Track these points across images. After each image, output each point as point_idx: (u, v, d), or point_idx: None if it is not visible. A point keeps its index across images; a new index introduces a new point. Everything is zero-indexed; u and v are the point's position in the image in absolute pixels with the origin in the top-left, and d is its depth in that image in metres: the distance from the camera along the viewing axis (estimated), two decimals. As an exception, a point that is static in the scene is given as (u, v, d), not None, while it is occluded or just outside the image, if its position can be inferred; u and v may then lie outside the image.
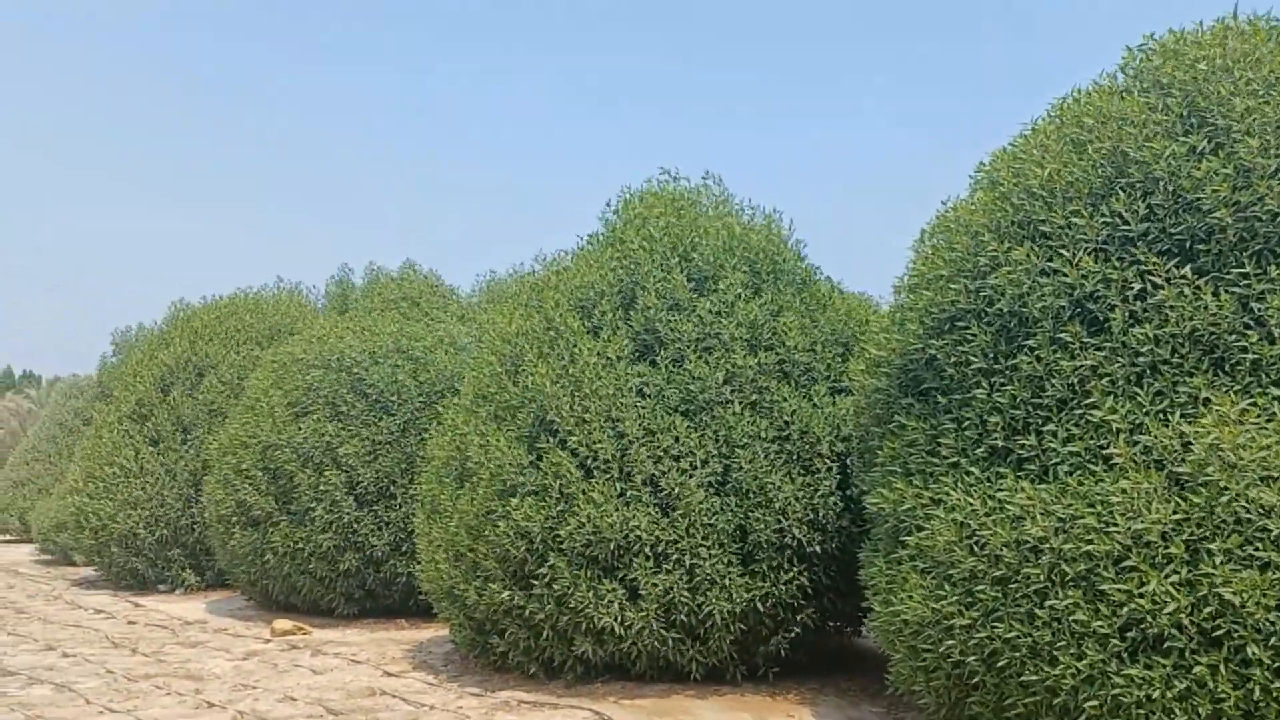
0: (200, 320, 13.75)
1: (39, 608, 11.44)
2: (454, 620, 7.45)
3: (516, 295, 8.52)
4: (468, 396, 7.77)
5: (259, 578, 10.32)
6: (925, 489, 4.91)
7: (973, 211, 5.17)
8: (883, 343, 5.44)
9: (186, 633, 9.51)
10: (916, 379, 5.23)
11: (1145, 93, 4.92)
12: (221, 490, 10.26)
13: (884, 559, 5.21)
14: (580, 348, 6.78)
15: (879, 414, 5.51)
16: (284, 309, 13.96)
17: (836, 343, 6.88)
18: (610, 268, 7.18)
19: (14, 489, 20.79)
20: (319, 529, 9.58)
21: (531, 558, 6.55)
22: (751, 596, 6.20)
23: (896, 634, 4.98)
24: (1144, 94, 4.91)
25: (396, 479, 9.72)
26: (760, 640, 6.49)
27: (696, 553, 6.18)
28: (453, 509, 7.24)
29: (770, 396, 6.51)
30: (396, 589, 9.97)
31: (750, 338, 6.75)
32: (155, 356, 13.49)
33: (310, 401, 10.02)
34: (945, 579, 4.65)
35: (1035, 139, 5.20)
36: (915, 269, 5.43)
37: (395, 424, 9.78)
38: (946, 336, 5.00)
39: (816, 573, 6.42)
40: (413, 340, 10.28)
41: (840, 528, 6.38)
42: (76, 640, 9.08)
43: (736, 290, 6.83)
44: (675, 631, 6.30)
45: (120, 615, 10.72)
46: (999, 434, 4.68)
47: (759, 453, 6.32)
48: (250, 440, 10.12)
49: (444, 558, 7.24)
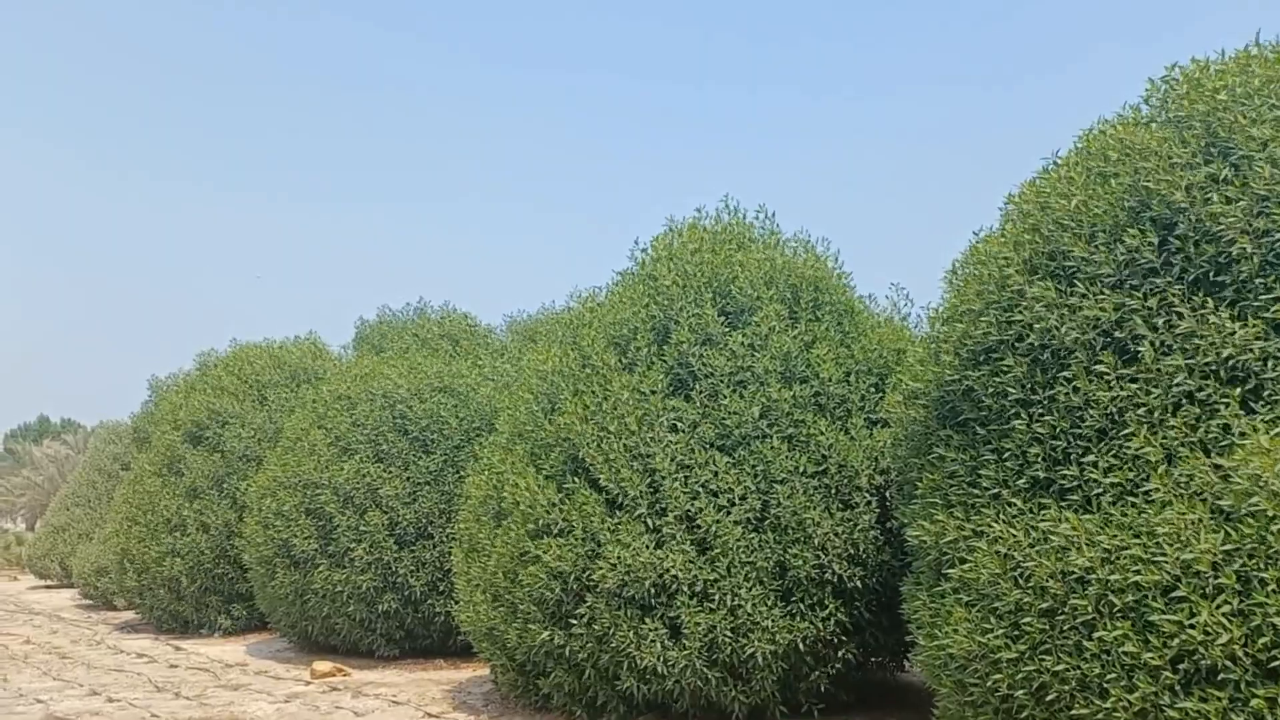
0: (221, 370, 13.94)
1: (82, 652, 11.55)
2: (495, 661, 7.46)
3: (552, 332, 8.59)
4: (504, 434, 7.83)
5: (299, 619, 10.38)
6: (967, 521, 4.89)
7: (1002, 244, 5.18)
8: (919, 374, 5.43)
9: (228, 675, 9.56)
10: (954, 410, 5.22)
11: (1166, 124, 4.92)
12: (262, 533, 10.35)
13: (927, 592, 5.17)
14: (614, 384, 6.82)
15: (917, 446, 5.50)
16: (302, 356, 14.14)
17: (870, 373, 6.87)
18: (643, 304, 7.24)
19: (55, 534, 21.05)
20: (359, 570, 9.64)
21: (567, 598, 6.56)
22: (793, 637, 6.16)
23: (942, 668, 4.94)
24: (1165, 125, 4.92)
25: (434, 519, 9.78)
26: (802, 677, 6.44)
27: (737, 593, 6.15)
28: (490, 548, 7.27)
29: (807, 430, 6.51)
30: (434, 629, 10.00)
31: (784, 370, 6.76)
32: (184, 407, 13.67)
33: (353, 439, 10.11)
34: (990, 611, 4.62)
35: (1061, 171, 5.21)
36: (949, 301, 5.43)
37: (434, 462, 9.86)
38: (982, 368, 4.99)
39: (857, 608, 6.37)
40: (456, 377, 10.39)
41: (880, 562, 6.34)
42: (121, 684, 9.15)
43: (771, 323, 6.85)
44: (717, 670, 6.27)
45: (162, 659, 10.80)
46: (1040, 465, 4.66)
47: (798, 488, 6.31)
48: (291, 480, 10.22)
49: (483, 598, 7.27)
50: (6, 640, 12.83)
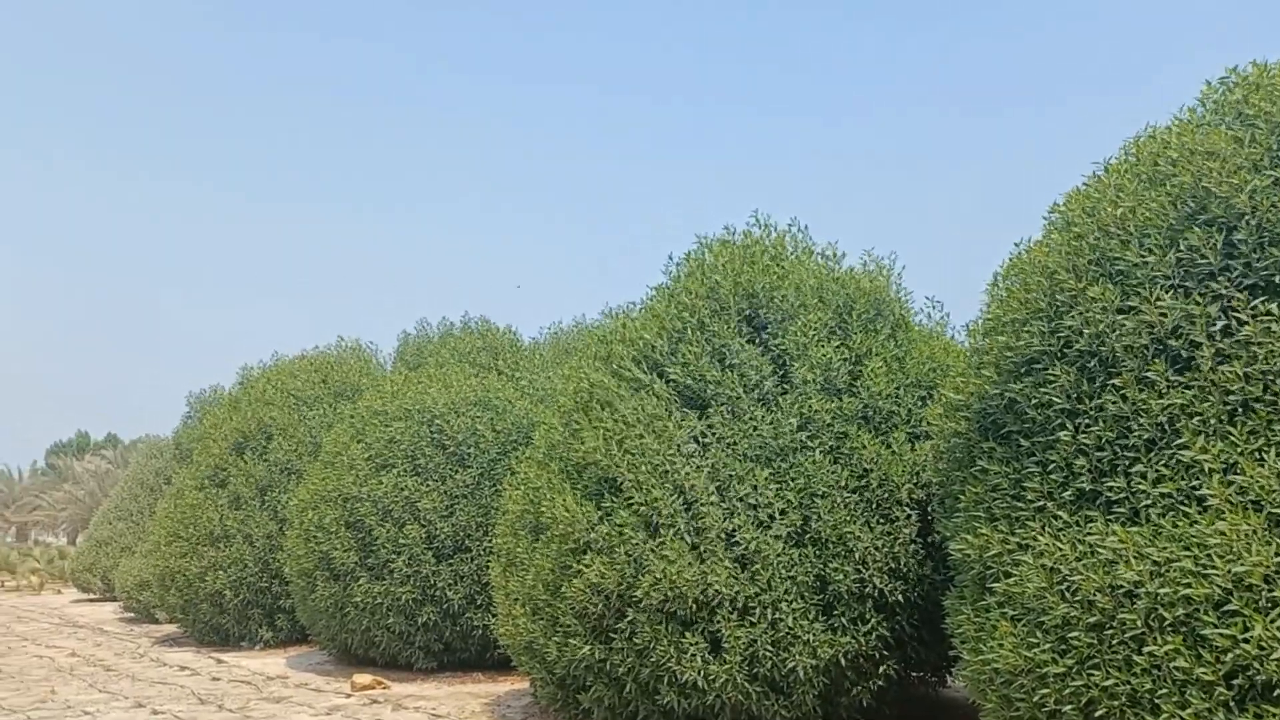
0: (265, 383, 14.12)
1: (126, 665, 11.70)
2: (535, 675, 7.47)
3: (585, 348, 8.63)
4: (539, 450, 7.86)
5: (339, 632, 10.46)
6: (1011, 534, 4.84)
7: (1048, 252, 5.14)
8: (961, 386, 5.40)
9: (269, 688, 9.65)
10: (997, 422, 5.18)
11: (1229, 126, 4.86)
12: (303, 546, 10.45)
13: (971, 607, 5.12)
14: (632, 402, 6.84)
15: (959, 458, 5.45)
16: (347, 368, 14.28)
17: (919, 386, 6.84)
18: (670, 318, 7.25)
19: (97, 548, 21.38)
20: (398, 583, 9.70)
21: (609, 613, 6.56)
22: (834, 652, 6.12)
23: (987, 683, 4.88)
24: (1228, 127, 4.85)
25: (472, 532, 9.83)
26: (843, 692, 6.40)
27: (778, 607, 6.12)
28: (529, 562, 7.29)
29: (849, 443, 6.49)
30: (473, 642, 10.03)
31: (824, 381, 6.74)
32: (227, 421, 13.87)
33: (391, 454, 10.20)
34: (1037, 626, 4.56)
35: (1110, 178, 5.17)
36: (990, 312, 5.40)
37: (471, 476, 9.91)
38: (1025, 379, 4.95)
39: (899, 622, 6.32)
40: (492, 391, 10.45)
41: (922, 576, 6.29)
42: (164, 697, 9.26)
43: (810, 332, 6.84)
44: (759, 685, 6.24)
45: (204, 672, 10.92)
46: (1086, 476, 4.61)
47: (839, 502, 6.28)
48: (331, 494, 10.32)
49: (522, 612, 7.28)
50: (53, 653, 13.03)
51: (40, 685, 10.18)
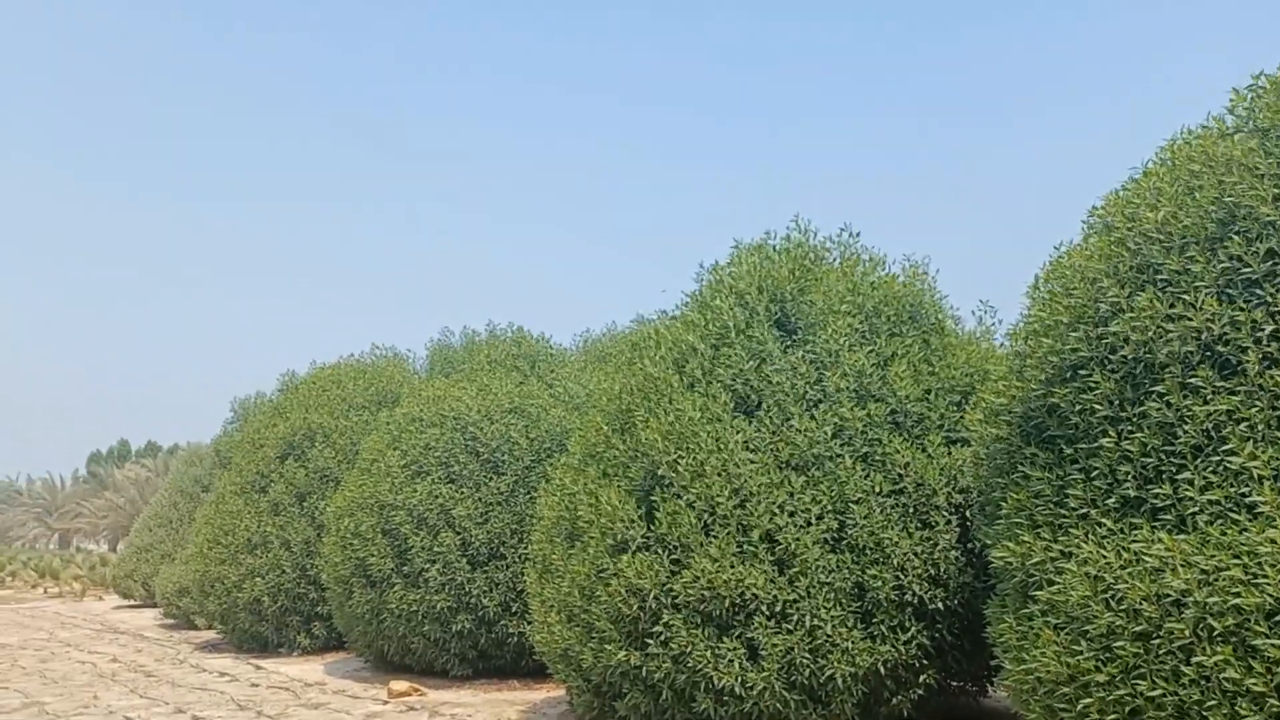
0: (307, 390, 14.25)
1: (167, 671, 11.83)
2: (571, 683, 7.46)
3: (620, 354, 8.62)
4: (575, 455, 7.86)
5: (375, 639, 10.52)
6: (1054, 541, 4.78)
7: (1089, 257, 5.08)
8: (1002, 391, 5.34)
9: (307, 694, 9.72)
10: (1039, 428, 5.12)
11: (1251, 135, 4.79)
12: (340, 553, 10.52)
13: (1013, 615, 5.06)
14: (684, 404, 6.82)
15: (1000, 464, 5.39)
16: (387, 375, 14.38)
17: (953, 390, 6.77)
18: (705, 324, 7.24)
19: (138, 555, 21.64)
20: (433, 590, 9.74)
21: (645, 615, 6.54)
22: (874, 660, 6.06)
23: (1030, 693, 4.82)
24: (1250, 136, 4.78)
25: (506, 539, 9.85)
26: (882, 701, 6.34)
27: (817, 613, 6.08)
28: (564, 569, 7.29)
29: (882, 449, 6.43)
30: (508, 649, 10.05)
31: (857, 388, 6.70)
32: (271, 427, 14.01)
33: (426, 461, 10.25)
34: (1081, 635, 4.50)
35: (1147, 182, 5.10)
36: (1032, 315, 5.33)
37: (505, 484, 9.94)
38: (1069, 384, 4.89)
39: (939, 630, 6.25)
40: (527, 398, 10.47)
41: (962, 583, 6.22)
42: (204, 703, 9.35)
43: (841, 338, 6.80)
44: (796, 693, 6.19)
45: (243, 678, 11.02)
46: (1131, 483, 4.54)
47: (874, 507, 6.23)
48: (368, 501, 10.39)
49: (557, 619, 7.28)
50: (95, 659, 13.20)
51: (83, 690, 10.31)
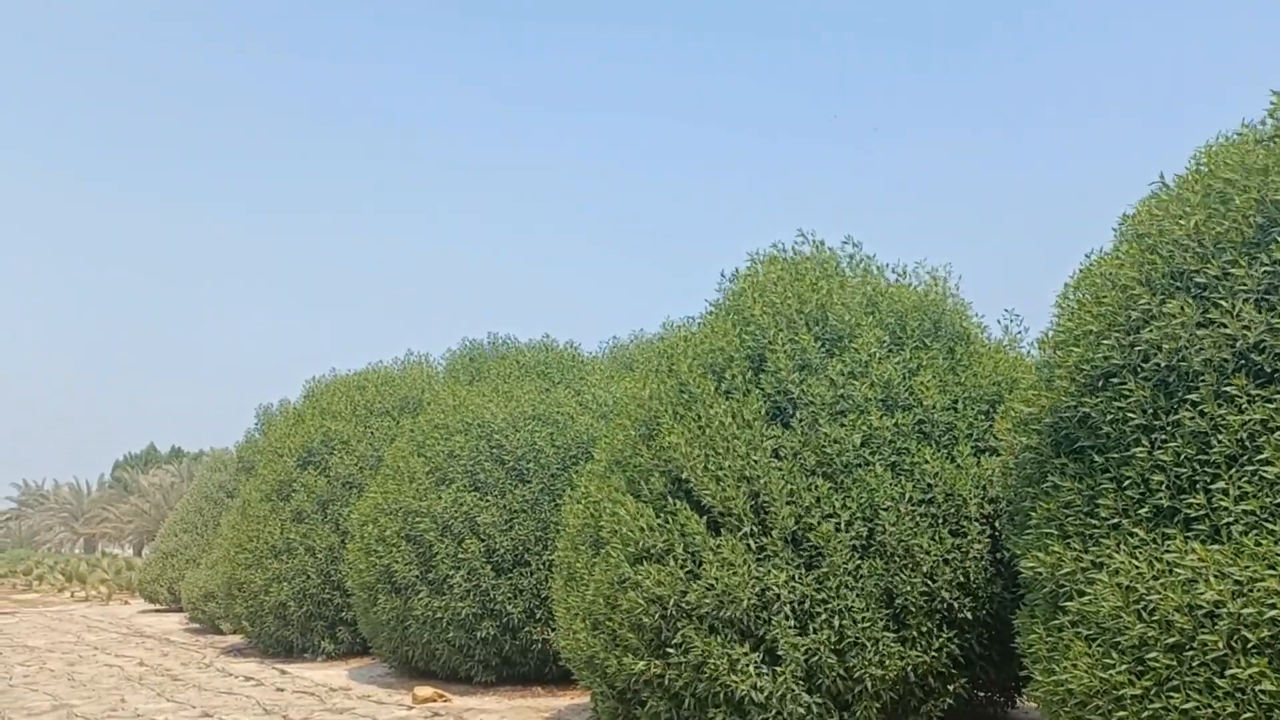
0: (331, 396, 14.30)
1: (193, 675, 11.92)
2: (595, 689, 7.46)
3: (648, 360, 8.62)
4: (601, 463, 7.87)
5: (399, 645, 10.56)
6: (1085, 551, 4.75)
7: (1120, 264, 5.04)
8: (1031, 400, 5.31)
9: (332, 699, 9.76)
10: (1070, 437, 5.09)
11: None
12: (364, 559, 10.57)
13: (1043, 625, 5.02)
14: (715, 409, 6.82)
15: (1030, 474, 5.36)
16: (412, 382, 14.42)
17: (981, 400, 6.74)
18: (735, 333, 7.23)
19: (164, 560, 21.80)
20: (458, 597, 9.77)
21: (665, 625, 6.53)
22: (905, 664, 6.03)
23: (1060, 704, 4.78)
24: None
25: (531, 546, 9.86)
26: (909, 710, 6.30)
27: (846, 613, 6.05)
28: (588, 576, 7.29)
29: (911, 458, 6.41)
30: (532, 656, 10.05)
31: (885, 398, 6.68)
32: (293, 434, 14.08)
33: (451, 468, 10.28)
34: (1112, 646, 4.46)
35: (1179, 189, 5.07)
36: (1062, 324, 5.30)
37: (531, 491, 9.96)
38: (1100, 393, 4.85)
39: (968, 639, 6.21)
40: (555, 406, 10.48)
41: (992, 593, 6.19)
42: (230, 707, 9.41)
43: (871, 349, 6.78)
44: (819, 697, 6.16)
45: (269, 682, 11.08)
46: (1164, 493, 4.50)
47: (903, 514, 6.20)
48: (392, 507, 10.43)
49: (582, 626, 7.28)
50: (122, 662, 13.31)
51: (111, 694, 10.40)
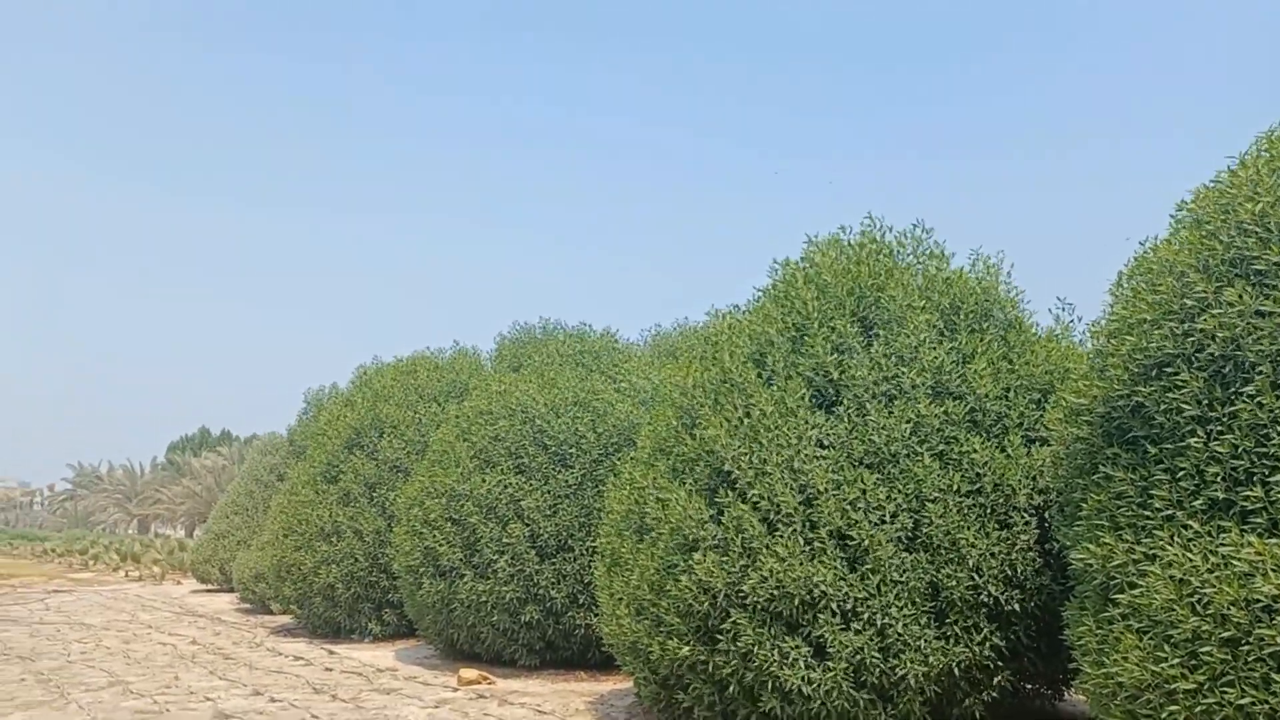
0: (380, 381, 14.48)
1: (244, 654, 12.16)
2: (638, 674, 7.49)
3: (691, 348, 8.61)
4: (645, 450, 7.88)
5: (445, 627, 10.68)
6: (1137, 543, 4.67)
7: (1176, 251, 4.94)
8: (1083, 390, 5.22)
9: (379, 680, 9.91)
10: (1122, 428, 5.00)
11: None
12: (410, 541, 10.70)
13: (1093, 618, 4.95)
14: (756, 398, 6.80)
15: (1081, 464, 5.28)
16: (458, 368, 14.57)
17: (1032, 389, 6.64)
18: (782, 318, 7.19)
19: (215, 541, 22.24)
20: (502, 581, 9.85)
21: (715, 613, 6.54)
22: (947, 661, 5.98)
23: (1110, 698, 4.72)
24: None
25: (574, 532, 9.92)
26: (955, 703, 6.25)
27: (888, 612, 6.02)
28: (633, 562, 7.32)
29: (959, 447, 6.34)
30: (575, 641, 10.12)
31: (934, 385, 6.61)
32: (342, 417, 14.28)
33: (495, 453, 10.37)
34: (1165, 640, 4.39)
35: (1244, 174, 4.95)
36: (1115, 313, 5.21)
37: (573, 476, 10.01)
38: (1154, 383, 4.77)
39: (1015, 632, 6.15)
40: (594, 393, 10.52)
41: (1040, 585, 6.11)
42: (280, 686, 9.59)
43: (920, 336, 6.71)
44: (865, 692, 6.14)
45: (317, 662, 11.27)
46: (1219, 485, 4.41)
47: (950, 506, 6.14)
48: (438, 491, 10.54)
49: (625, 612, 7.32)
50: (175, 640, 13.61)
51: (164, 671, 10.65)
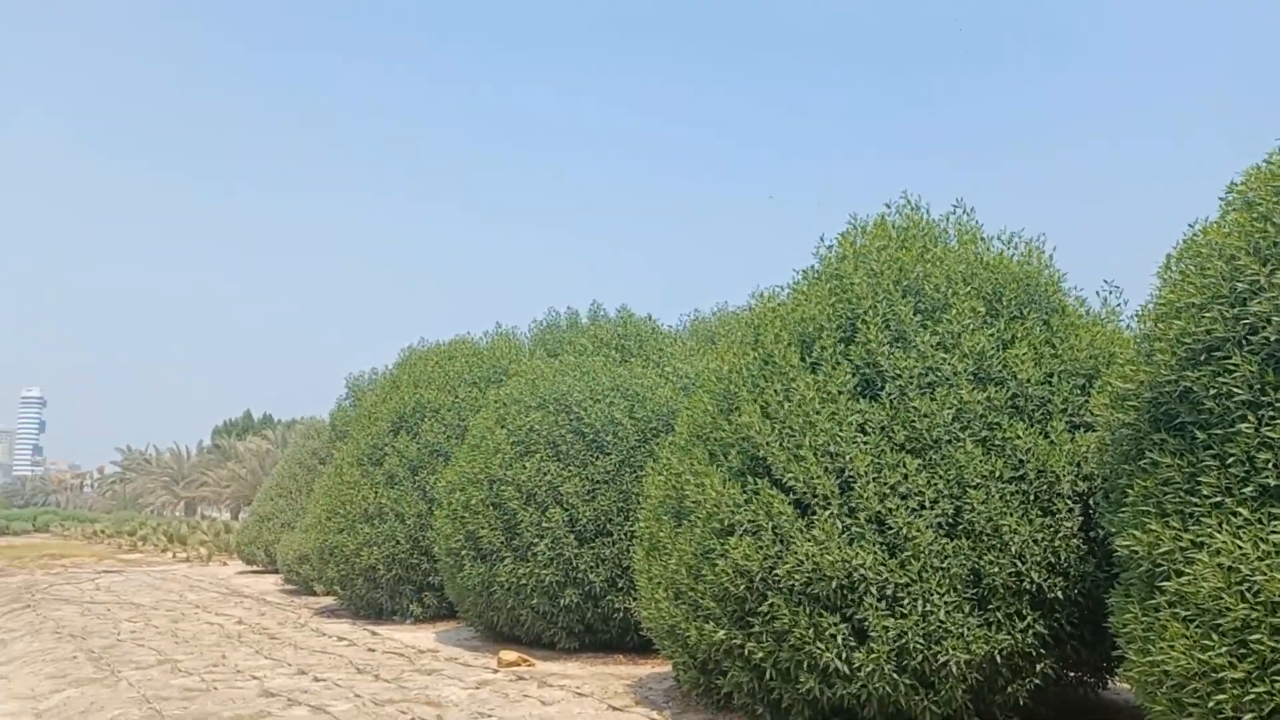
0: (421, 366, 14.61)
1: (288, 634, 12.36)
2: (677, 658, 7.52)
3: (732, 332, 8.58)
4: (682, 435, 7.89)
5: (485, 610, 10.78)
6: (1184, 530, 4.61)
7: (1227, 234, 4.85)
8: (1129, 375, 5.15)
9: (421, 660, 10.03)
10: (1169, 413, 4.93)
11: None
12: (451, 525, 10.80)
13: (1139, 605, 4.89)
14: (797, 383, 6.77)
15: (1127, 450, 5.21)
16: (497, 353, 14.65)
17: (1077, 374, 6.55)
18: (829, 301, 7.15)
19: (260, 523, 22.60)
20: (541, 564, 9.92)
21: (751, 597, 6.54)
22: (989, 648, 5.93)
23: (1156, 686, 4.67)
24: None
25: (613, 517, 9.96)
26: (997, 690, 6.21)
27: (929, 598, 5.99)
28: (671, 547, 7.34)
29: (1002, 433, 6.28)
30: (613, 625, 10.17)
31: (977, 371, 6.55)
32: (387, 401, 14.43)
33: (533, 440, 10.43)
34: (1213, 628, 4.33)
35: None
36: (1163, 296, 5.12)
37: (611, 462, 10.04)
38: (1203, 367, 4.69)
39: (1057, 619, 6.09)
40: (631, 379, 10.54)
41: (1084, 572, 6.04)
42: (325, 665, 9.74)
43: (964, 321, 6.65)
44: (907, 677, 6.12)
45: (361, 643, 11.44)
46: (1270, 472, 4.34)
47: (993, 493, 6.08)
48: (478, 476, 10.63)
49: (664, 596, 7.34)
50: (222, 620, 13.88)
51: (212, 650, 10.86)
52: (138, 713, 7.57)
